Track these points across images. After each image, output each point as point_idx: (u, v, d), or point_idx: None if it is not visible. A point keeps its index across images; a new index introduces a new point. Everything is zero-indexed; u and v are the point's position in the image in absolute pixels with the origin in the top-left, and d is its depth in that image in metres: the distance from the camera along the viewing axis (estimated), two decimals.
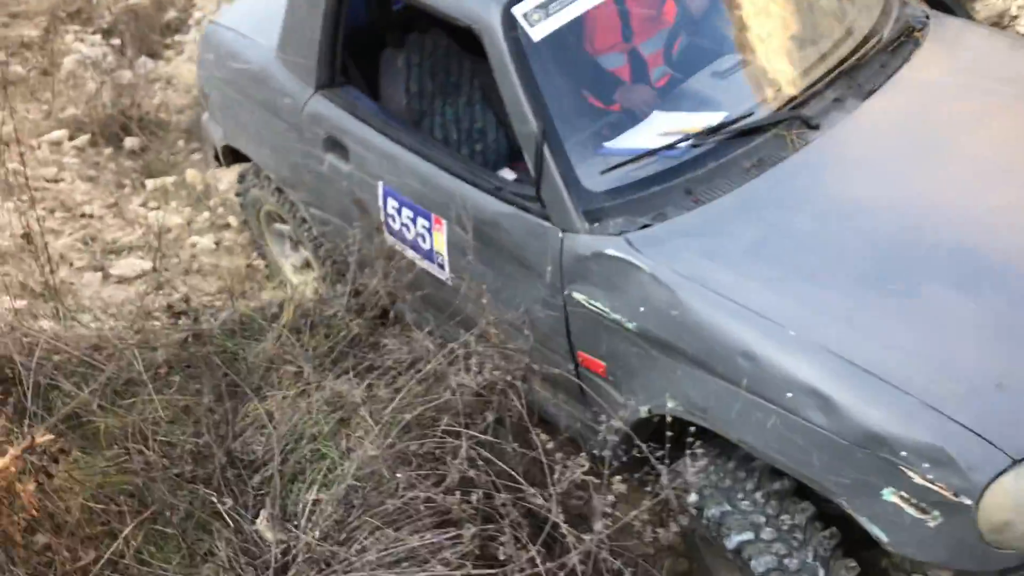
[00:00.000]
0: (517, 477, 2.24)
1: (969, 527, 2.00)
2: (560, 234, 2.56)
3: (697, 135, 2.60)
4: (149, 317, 2.97)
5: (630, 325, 2.44)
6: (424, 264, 3.05)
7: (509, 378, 2.45)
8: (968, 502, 1.97)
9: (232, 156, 4.09)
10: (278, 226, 4.17)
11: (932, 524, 2.04)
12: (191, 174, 6.03)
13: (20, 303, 3.50)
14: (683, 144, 2.60)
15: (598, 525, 2.09)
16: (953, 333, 2.16)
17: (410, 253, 3.09)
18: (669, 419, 2.42)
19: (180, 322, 2.81)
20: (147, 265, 4.99)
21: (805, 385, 2.14)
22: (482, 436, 2.31)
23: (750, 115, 2.67)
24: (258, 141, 3.68)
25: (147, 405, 2.60)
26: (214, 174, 6.13)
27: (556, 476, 2.19)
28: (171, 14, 7.05)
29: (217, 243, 5.36)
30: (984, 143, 2.55)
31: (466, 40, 3.08)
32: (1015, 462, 1.97)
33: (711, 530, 2.45)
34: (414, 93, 3.38)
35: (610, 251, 2.46)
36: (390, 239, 3.15)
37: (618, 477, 2.29)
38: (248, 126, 3.70)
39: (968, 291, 2.21)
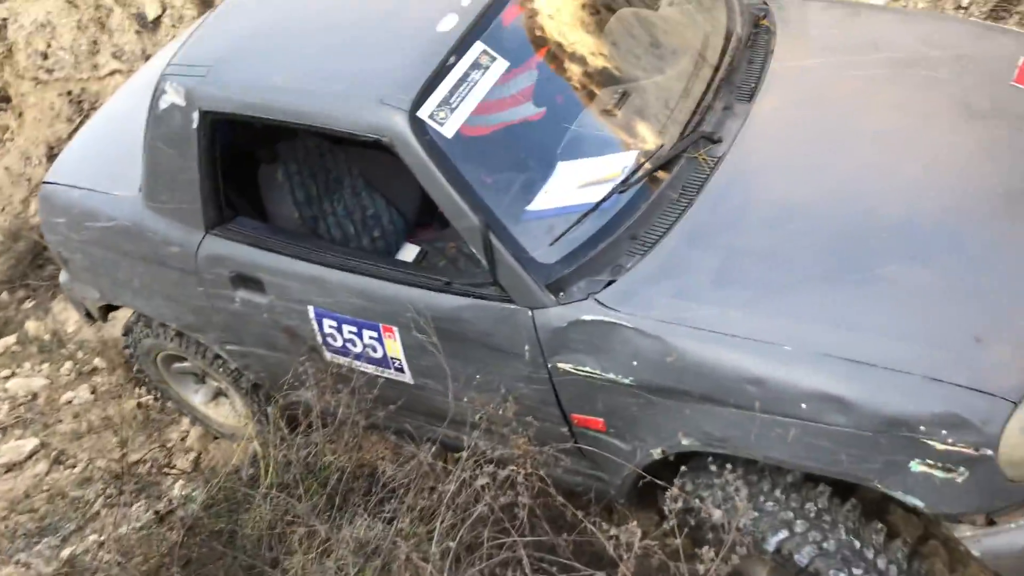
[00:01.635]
0: (583, 569, 2.26)
1: (993, 473, 2.20)
2: (529, 313, 2.57)
3: (623, 181, 2.66)
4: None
5: (626, 381, 2.50)
6: (382, 372, 2.99)
7: (529, 470, 2.44)
8: (989, 452, 2.16)
9: (106, 308, 3.84)
10: (179, 365, 3.95)
11: (960, 480, 2.22)
12: (32, 326, 5.60)
13: None
14: (614, 193, 2.65)
15: None
16: (923, 304, 2.34)
17: (362, 366, 3.01)
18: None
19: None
20: (33, 442, 4.61)
21: (816, 392, 2.27)
22: (533, 538, 2.31)
23: (660, 147, 2.76)
24: (147, 294, 3.47)
25: None
26: (55, 318, 5.72)
27: (621, 554, 2.22)
28: None
29: (94, 391, 5.01)
30: (874, 116, 2.75)
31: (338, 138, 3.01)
32: (1016, 404, 2.18)
33: (746, 541, 2.55)
34: (302, 202, 3.29)
35: (586, 316, 2.50)
36: (332, 357, 3.06)
37: (667, 526, 2.35)
38: (131, 282, 3.47)
39: (920, 261, 2.40)
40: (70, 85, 6.46)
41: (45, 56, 6.60)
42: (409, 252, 3.52)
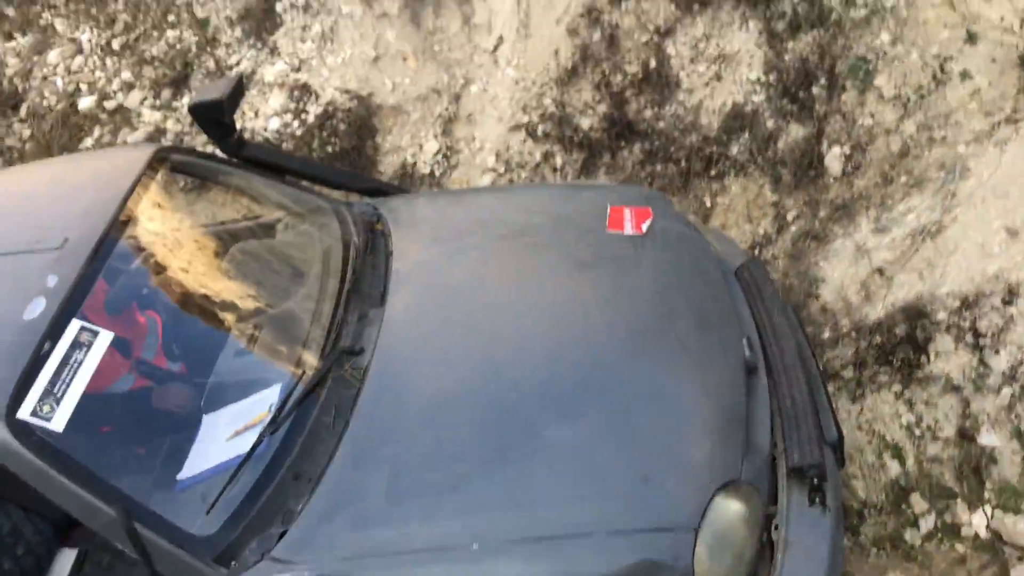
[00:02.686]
0: None
1: None
2: None
3: (272, 421, 2.52)
4: None
5: None
6: None
7: None
8: None
9: None
10: None
11: None
12: None
13: None
14: (264, 437, 2.49)
15: None
16: (584, 459, 2.38)
17: None
18: None
19: None
20: None
21: None
22: None
23: (301, 375, 2.66)
24: None
25: None
26: None
27: None
28: None
29: None
30: (495, 291, 2.86)
31: None
32: (695, 531, 2.24)
33: None
34: None
35: None
36: None
37: None
38: None
39: (573, 418, 2.45)
40: None
41: None
42: (66, 559, 3.08)
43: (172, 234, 3.10)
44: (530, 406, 2.51)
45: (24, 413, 2.29)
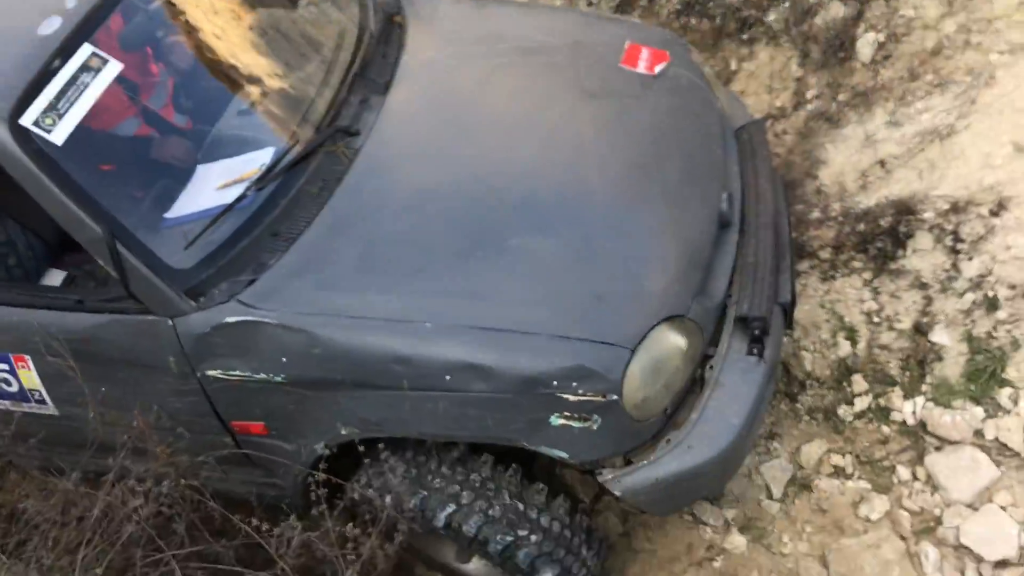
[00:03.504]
0: (244, 572, 2.19)
1: (621, 416, 2.39)
2: (170, 322, 2.47)
3: (260, 179, 2.63)
4: None
5: (278, 379, 2.46)
6: (21, 407, 2.75)
7: (182, 480, 2.34)
8: (615, 397, 2.35)
9: None
10: None
11: (595, 428, 2.40)
12: None
13: None
14: (250, 191, 2.61)
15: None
16: (547, 269, 2.50)
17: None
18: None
19: None
20: None
21: (457, 363, 2.35)
22: (184, 551, 2.21)
23: (295, 143, 2.75)
24: None
25: None
26: None
27: (280, 550, 2.18)
28: None
29: None
30: (499, 101, 2.90)
31: None
32: (632, 351, 2.38)
33: (418, 520, 2.61)
34: None
35: (229, 319, 2.44)
36: None
37: (331, 514, 2.35)
38: None
39: (541, 232, 2.56)
40: None
41: None
42: (54, 279, 3.25)
43: None
44: (506, 213, 2.60)
45: (27, 120, 2.40)
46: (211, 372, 2.50)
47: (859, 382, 3.25)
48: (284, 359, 2.43)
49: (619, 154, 2.79)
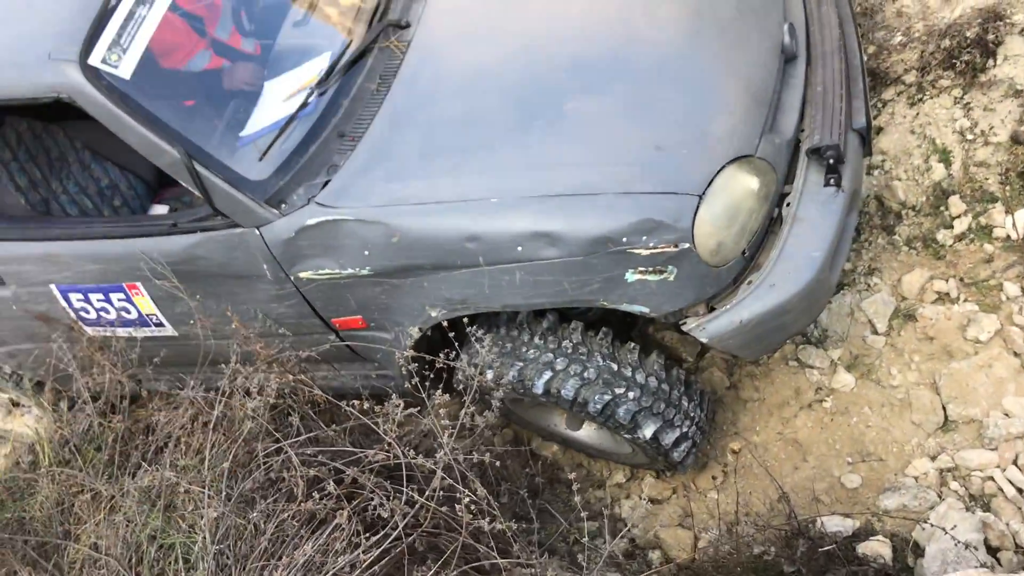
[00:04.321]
0: (352, 450, 2.35)
1: (697, 263, 2.40)
2: (257, 231, 2.60)
3: (319, 83, 2.71)
4: None
5: (365, 271, 2.58)
6: (144, 332, 2.98)
7: (291, 378, 2.51)
8: (687, 245, 2.36)
9: None
10: None
11: (672, 279, 2.42)
12: None
13: None
14: (312, 98, 2.69)
15: (444, 438, 2.26)
16: (604, 129, 2.49)
17: (123, 331, 2.99)
18: (445, 324, 2.63)
19: None
20: None
21: (526, 233, 2.40)
22: (300, 438, 2.38)
23: (349, 44, 2.80)
24: None
25: None
26: None
27: (384, 427, 2.32)
28: None
29: None
30: None
31: (47, 112, 2.94)
32: (700, 197, 2.37)
33: (518, 390, 2.71)
34: (26, 187, 3.19)
35: (311, 221, 2.55)
36: (94, 331, 3.02)
37: (436, 395, 2.47)
38: None
39: (594, 92, 2.55)
40: None
41: None
42: (157, 212, 3.47)
43: None
44: (557, 78, 2.60)
45: (95, 59, 2.53)
46: (303, 274, 2.64)
47: (956, 204, 3.13)
48: (366, 252, 2.54)
49: (679, 9, 2.72)
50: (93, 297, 2.90)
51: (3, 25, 2.68)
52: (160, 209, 3.47)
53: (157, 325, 2.94)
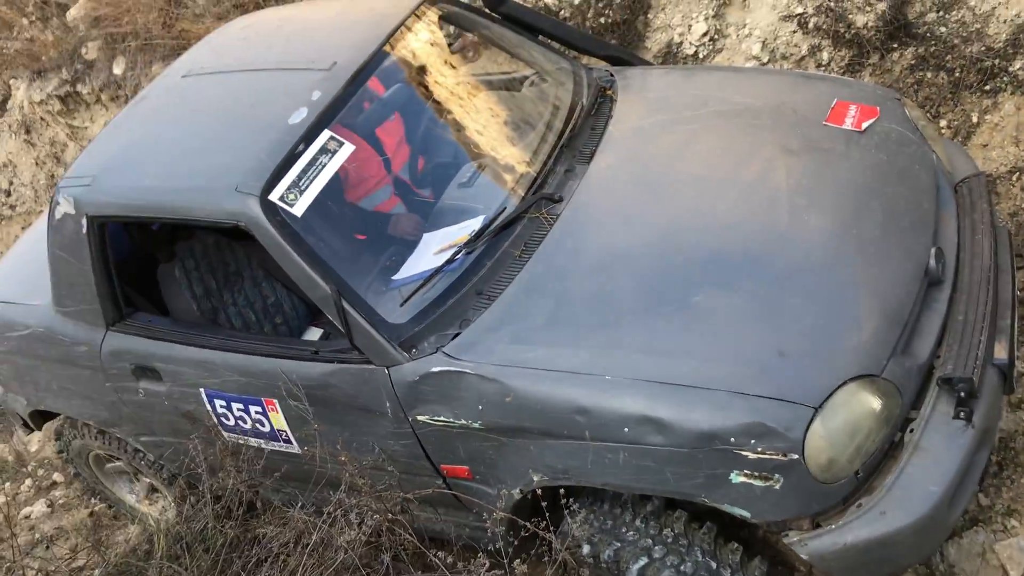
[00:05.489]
0: None
1: (805, 476, 2.34)
2: (386, 371, 2.76)
3: (468, 243, 2.90)
4: None
5: (476, 424, 2.67)
6: (272, 446, 3.16)
7: (390, 516, 2.59)
8: (796, 456, 2.31)
9: (41, 417, 4.04)
10: (111, 465, 4.13)
11: (778, 487, 2.37)
12: None
13: None
14: (460, 255, 2.88)
15: None
16: (729, 326, 2.53)
17: (254, 441, 3.19)
18: (540, 491, 2.66)
19: None
20: None
21: (635, 416, 2.43)
22: None
23: (503, 210, 3.00)
24: (66, 396, 3.68)
25: None
26: (20, 439, 5.90)
27: None
28: None
29: (50, 505, 5.16)
30: (696, 163, 2.99)
31: (231, 232, 3.27)
32: (816, 409, 2.34)
33: (611, 570, 2.68)
34: (201, 296, 3.52)
35: (435, 368, 2.69)
36: (230, 436, 3.24)
37: (518, 560, 2.49)
38: (50, 384, 3.69)
39: (726, 288, 2.59)
40: (32, 218, 6.83)
41: (8, 193, 6.99)
42: (312, 336, 3.72)
43: (430, 72, 3.51)
44: (691, 270, 2.67)
45: (274, 196, 2.83)
46: (421, 417, 2.76)
47: None
48: (480, 406, 2.64)
49: (814, 209, 2.77)
50: (235, 406, 3.13)
51: (205, 155, 3.04)
52: (315, 331, 3.72)
53: (285, 441, 3.13)
